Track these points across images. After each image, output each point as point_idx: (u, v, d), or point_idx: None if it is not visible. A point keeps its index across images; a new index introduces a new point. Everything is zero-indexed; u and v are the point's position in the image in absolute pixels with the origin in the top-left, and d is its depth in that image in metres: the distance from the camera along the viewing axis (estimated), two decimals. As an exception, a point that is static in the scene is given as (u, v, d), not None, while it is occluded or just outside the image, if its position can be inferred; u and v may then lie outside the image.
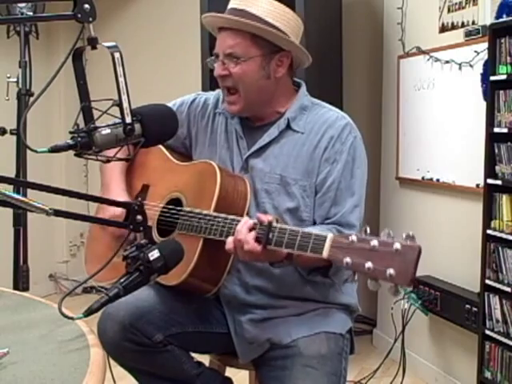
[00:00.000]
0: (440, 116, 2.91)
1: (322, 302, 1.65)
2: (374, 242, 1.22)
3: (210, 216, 1.52)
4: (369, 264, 1.21)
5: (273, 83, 1.61)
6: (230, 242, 1.43)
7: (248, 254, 1.39)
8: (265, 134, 1.64)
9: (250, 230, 1.39)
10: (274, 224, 1.37)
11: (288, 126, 1.62)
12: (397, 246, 1.20)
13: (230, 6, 1.60)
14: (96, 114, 1.13)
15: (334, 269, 1.49)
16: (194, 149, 1.77)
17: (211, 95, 1.77)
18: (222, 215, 1.50)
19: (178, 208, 1.62)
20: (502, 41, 2.31)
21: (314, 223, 1.60)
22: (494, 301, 2.39)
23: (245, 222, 1.42)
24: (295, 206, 1.59)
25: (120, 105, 1.12)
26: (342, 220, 1.55)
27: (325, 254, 1.29)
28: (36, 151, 1.07)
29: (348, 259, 1.24)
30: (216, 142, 1.71)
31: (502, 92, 2.33)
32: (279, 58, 1.59)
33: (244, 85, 1.58)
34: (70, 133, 1.11)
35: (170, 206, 1.65)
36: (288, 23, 1.58)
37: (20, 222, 2.81)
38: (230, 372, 1.80)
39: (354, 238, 1.25)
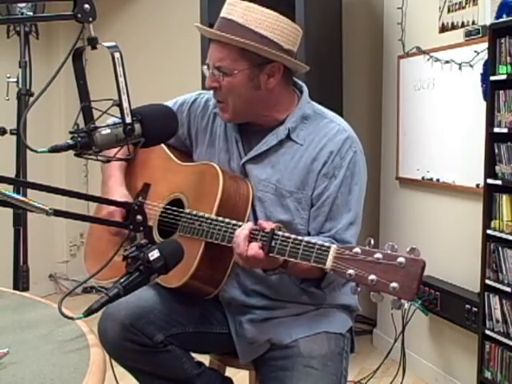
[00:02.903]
0: (440, 116, 2.91)
1: (322, 304, 1.65)
2: (378, 255, 1.22)
3: (212, 220, 1.52)
4: (372, 277, 1.21)
5: (264, 94, 1.57)
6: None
7: (250, 259, 1.38)
8: (262, 141, 1.62)
9: (251, 238, 1.38)
10: (277, 232, 1.37)
11: (288, 136, 1.60)
12: (401, 259, 1.20)
13: (222, 14, 1.57)
14: (96, 113, 1.13)
15: (326, 282, 1.49)
16: (193, 149, 1.76)
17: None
18: (225, 220, 1.50)
19: (180, 210, 1.62)
20: (502, 41, 2.31)
21: (309, 235, 1.58)
22: (494, 301, 2.39)
23: (246, 228, 1.40)
24: (289, 219, 1.57)
25: (120, 105, 1.12)
26: (336, 236, 1.53)
27: (328, 264, 1.28)
28: (36, 151, 1.07)
29: (351, 271, 1.24)
30: (215, 143, 1.70)
31: (501, 92, 2.33)
32: (270, 69, 1.55)
33: (233, 97, 1.56)
34: (70, 133, 1.11)
35: (172, 207, 1.65)
36: (282, 32, 1.53)
37: (20, 222, 2.81)
38: (230, 372, 1.80)
39: (357, 249, 1.25)
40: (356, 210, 1.57)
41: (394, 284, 1.19)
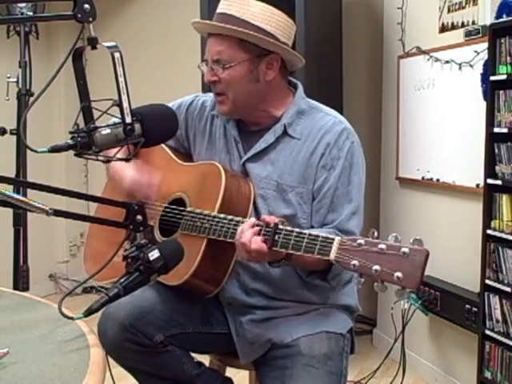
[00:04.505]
0: (440, 116, 2.91)
1: (322, 304, 1.65)
2: (382, 246, 1.23)
3: (214, 217, 1.52)
4: (376, 267, 1.22)
5: (263, 86, 1.59)
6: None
7: (253, 253, 1.38)
8: (261, 139, 1.62)
9: (255, 233, 1.38)
10: (280, 226, 1.37)
11: (285, 132, 1.61)
12: (405, 249, 1.20)
13: (218, 10, 1.59)
14: (96, 114, 1.13)
15: (333, 273, 1.49)
16: (192, 151, 1.76)
17: (209, 97, 1.75)
18: (227, 217, 1.50)
19: (182, 208, 1.62)
20: (502, 41, 2.31)
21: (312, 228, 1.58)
22: (494, 301, 2.39)
23: (249, 223, 1.41)
24: (292, 213, 1.58)
25: (120, 105, 1.12)
26: (339, 227, 1.54)
27: (332, 256, 1.29)
28: (36, 151, 1.07)
29: (355, 262, 1.24)
30: (215, 145, 1.70)
31: (501, 92, 2.33)
32: (268, 61, 1.57)
33: (233, 90, 1.57)
34: (70, 133, 1.11)
35: (173, 206, 1.65)
36: (277, 25, 1.56)
37: (20, 222, 2.81)
38: (230, 372, 1.80)
39: (361, 240, 1.26)
40: (357, 200, 1.58)
41: (398, 273, 1.19)
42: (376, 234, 1.26)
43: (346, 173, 1.57)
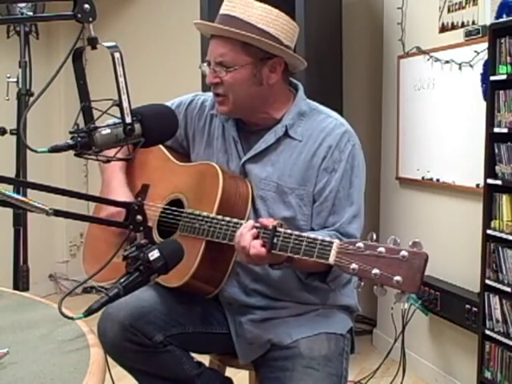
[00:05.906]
0: (440, 116, 2.91)
1: (322, 304, 1.65)
2: (381, 249, 1.23)
3: (213, 219, 1.52)
4: (375, 271, 1.22)
5: (265, 89, 1.58)
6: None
7: (252, 257, 1.38)
8: (261, 140, 1.62)
9: (254, 235, 1.38)
10: (279, 229, 1.37)
11: (286, 133, 1.60)
12: (404, 253, 1.20)
13: (222, 11, 1.57)
14: (96, 114, 1.13)
15: (332, 276, 1.49)
16: (191, 150, 1.76)
17: (209, 96, 1.74)
18: (226, 218, 1.50)
19: (180, 210, 1.62)
20: (502, 41, 2.31)
21: (312, 230, 1.58)
22: (494, 301, 2.39)
23: (248, 226, 1.41)
24: (291, 215, 1.58)
25: (120, 105, 1.12)
26: (340, 230, 1.54)
27: (331, 260, 1.29)
28: (36, 151, 1.07)
29: (354, 265, 1.24)
30: (213, 145, 1.70)
31: (502, 92, 2.33)
32: (272, 65, 1.56)
33: (235, 92, 1.56)
34: (70, 133, 1.11)
35: (171, 207, 1.64)
36: (282, 28, 1.55)
37: (20, 222, 2.81)
38: (229, 372, 1.79)
39: (360, 244, 1.25)
40: (358, 203, 1.58)
41: (397, 277, 1.19)
42: (375, 236, 1.26)
43: (348, 176, 1.57)
